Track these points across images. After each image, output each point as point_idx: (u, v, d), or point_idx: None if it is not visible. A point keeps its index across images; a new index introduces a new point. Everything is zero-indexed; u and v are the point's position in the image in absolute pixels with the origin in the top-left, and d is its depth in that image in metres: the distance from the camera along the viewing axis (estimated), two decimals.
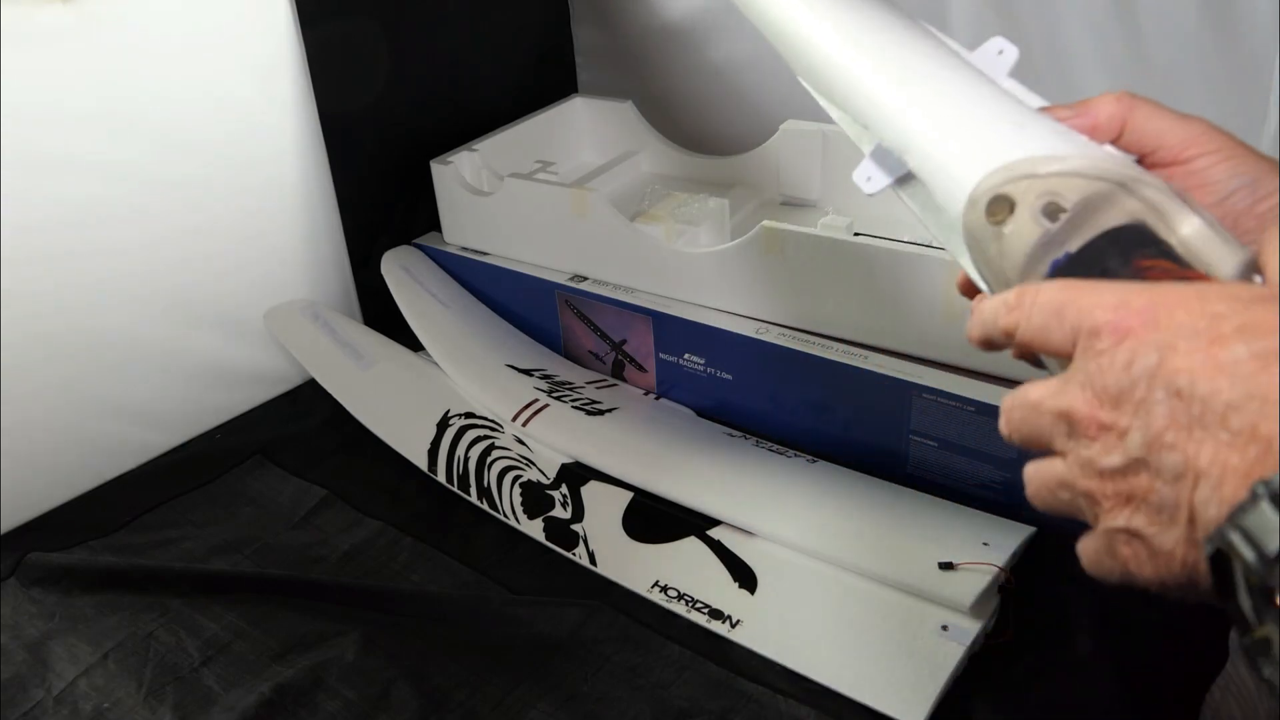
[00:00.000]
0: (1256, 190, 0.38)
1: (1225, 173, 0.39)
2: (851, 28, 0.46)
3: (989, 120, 0.39)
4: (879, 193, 0.45)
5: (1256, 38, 0.87)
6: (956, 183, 0.39)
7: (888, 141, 0.43)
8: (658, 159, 1.25)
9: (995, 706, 0.71)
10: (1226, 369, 0.28)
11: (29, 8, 0.87)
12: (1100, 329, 0.31)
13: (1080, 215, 0.35)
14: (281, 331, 1.13)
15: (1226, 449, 0.28)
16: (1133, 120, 0.41)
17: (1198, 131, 0.40)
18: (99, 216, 0.96)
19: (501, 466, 0.98)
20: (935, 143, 0.40)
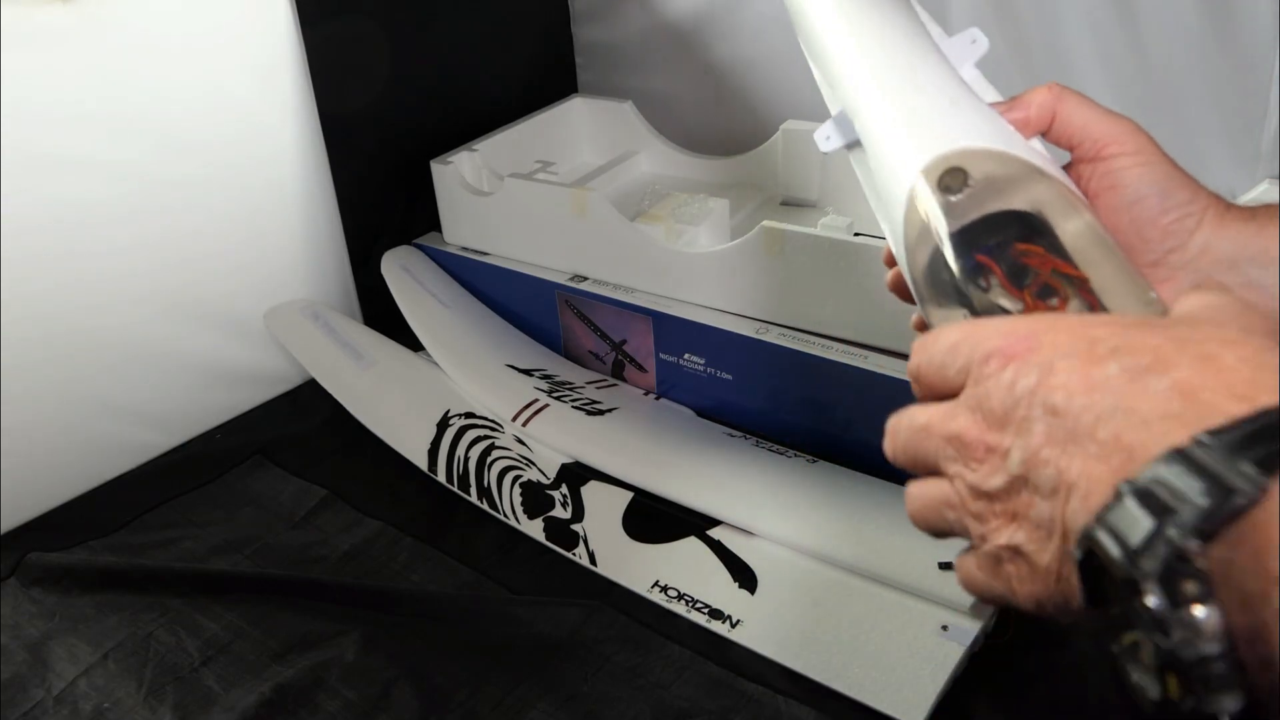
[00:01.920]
0: (1165, 201, 0.39)
1: (1138, 177, 0.39)
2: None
3: (928, 98, 0.41)
4: (833, 152, 0.47)
5: (1256, 38, 0.87)
6: (885, 152, 0.41)
7: (843, 104, 0.45)
8: (658, 159, 1.25)
9: (995, 706, 0.71)
10: (1098, 385, 0.29)
11: (29, 8, 0.87)
12: (990, 355, 0.32)
13: (981, 193, 0.37)
14: (281, 331, 1.13)
15: (1094, 460, 0.29)
16: (1061, 110, 0.42)
17: (1120, 130, 0.40)
18: (99, 216, 0.96)
19: (501, 466, 0.98)
20: (875, 111, 0.42)
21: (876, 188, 0.42)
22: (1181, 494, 0.26)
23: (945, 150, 0.38)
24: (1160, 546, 0.26)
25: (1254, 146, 0.92)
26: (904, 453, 0.37)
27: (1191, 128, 0.95)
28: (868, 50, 0.45)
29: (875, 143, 0.42)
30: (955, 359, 0.34)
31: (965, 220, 0.37)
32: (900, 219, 0.39)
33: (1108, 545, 0.28)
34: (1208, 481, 0.26)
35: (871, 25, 0.46)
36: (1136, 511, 0.27)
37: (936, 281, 0.38)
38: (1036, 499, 0.31)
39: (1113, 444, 0.28)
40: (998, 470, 0.32)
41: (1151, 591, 0.26)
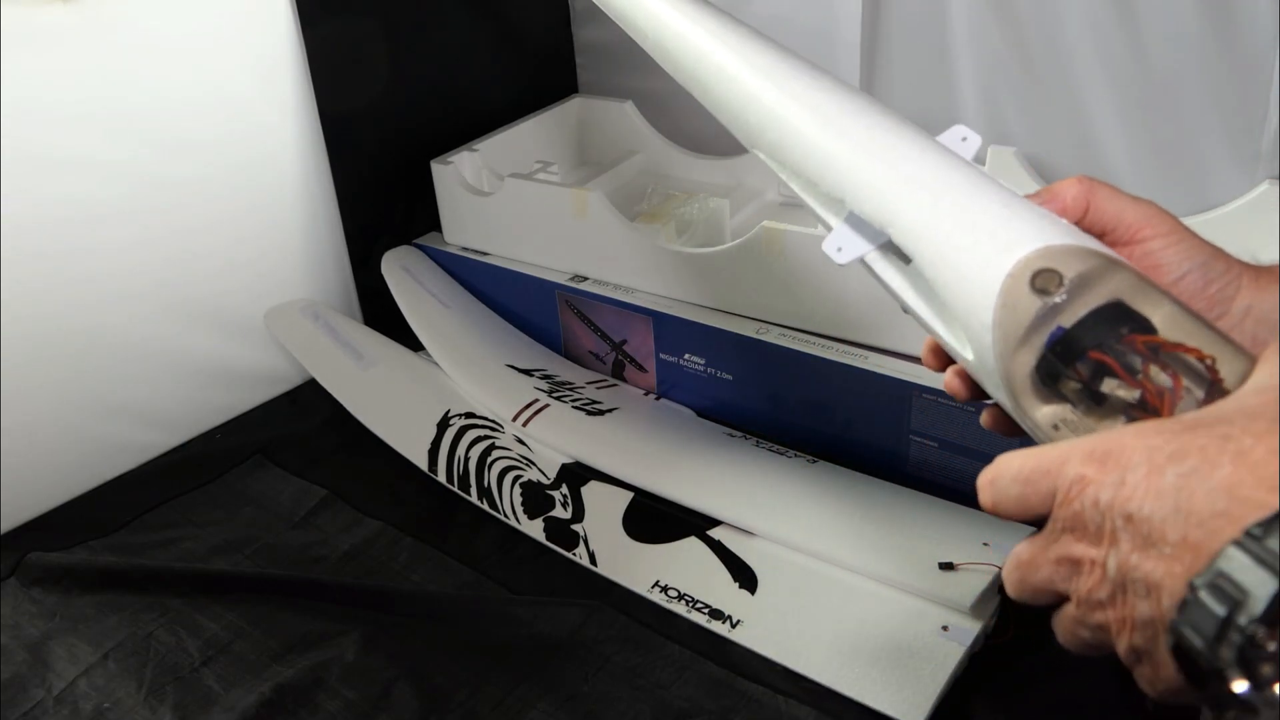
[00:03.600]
0: (1207, 273, 0.42)
1: (1177, 255, 0.42)
2: (821, 107, 0.48)
3: (984, 202, 0.42)
4: (849, 263, 0.47)
5: (1256, 38, 0.87)
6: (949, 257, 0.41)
7: (867, 214, 0.45)
8: (658, 159, 1.25)
9: (995, 706, 0.71)
10: (1160, 492, 0.32)
11: (29, 8, 0.87)
12: (1075, 479, 0.35)
13: (1077, 290, 0.38)
14: (281, 331, 1.13)
15: (1170, 560, 0.32)
16: (1094, 200, 0.43)
17: (1151, 213, 0.43)
18: (99, 216, 0.96)
19: (502, 466, 0.98)
20: (932, 221, 0.42)
21: (936, 294, 0.42)
22: (1244, 586, 0.29)
23: (1028, 252, 0.39)
24: (1234, 635, 0.29)
25: (1254, 147, 0.92)
26: (1026, 590, 0.39)
27: (1191, 128, 0.95)
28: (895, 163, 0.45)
29: (938, 253, 0.42)
30: (1036, 489, 0.37)
31: (1074, 319, 0.38)
32: (988, 323, 0.40)
33: (1192, 639, 0.31)
34: (1267, 570, 0.29)
35: (883, 136, 0.46)
36: (1210, 604, 0.30)
37: (1045, 381, 0.39)
38: (1136, 601, 0.34)
39: (1181, 544, 0.32)
40: (1103, 581, 0.35)
41: (1235, 677, 0.29)
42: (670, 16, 0.58)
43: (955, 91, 1.07)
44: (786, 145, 0.49)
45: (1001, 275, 0.39)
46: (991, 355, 0.40)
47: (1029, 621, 0.76)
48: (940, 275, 0.42)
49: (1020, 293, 0.39)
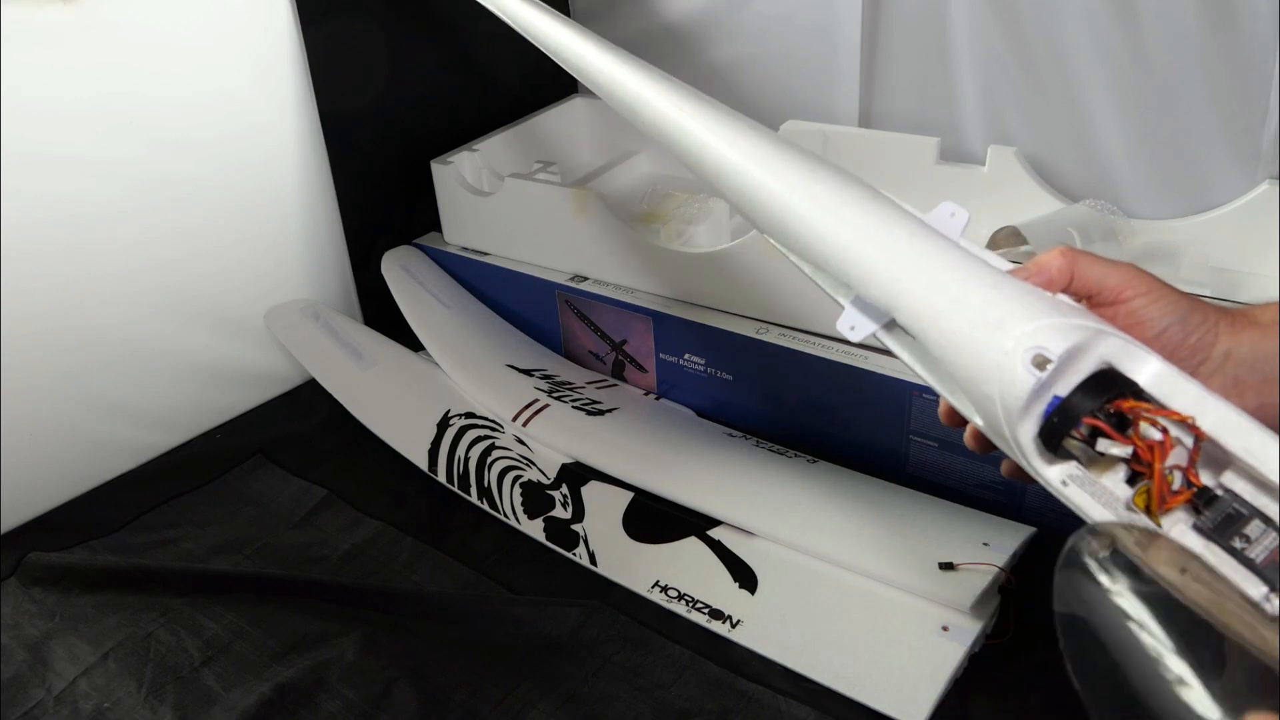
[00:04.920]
0: (1186, 325, 0.44)
1: (1158, 311, 0.44)
2: (820, 198, 0.52)
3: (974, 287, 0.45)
4: (863, 340, 0.50)
5: (1256, 38, 0.87)
6: (948, 337, 0.44)
7: (872, 299, 0.48)
8: (658, 159, 1.25)
9: (995, 706, 0.71)
10: None
11: (29, 7, 0.87)
12: None
13: (1065, 363, 0.41)
14: (281, 331, 1.13)
15: None
16: (1077, 269, 0.45)
17: (1130, 275, 0.45)
18: (99, 216, 0.96)
19: (502, 466, 0.98)
20: (923, 304, 0.46)
21: (945, 366, 0.45)
22: None
23: (1020, 331, 0.41)
24: None
25: (1254, 147, 0.92)
26: None
27: (1191, 128, 0.95)
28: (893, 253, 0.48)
29: (938, 332, 0.45)
30: None
31: (1067, 389, 0.41)
32: (991, 395, 0.42)
33: None
34: None
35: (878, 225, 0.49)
36: None
37: (1049, 445, 0.42)
38: None
39: None
40: None
41: None
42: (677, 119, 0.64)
43: (955, 91, 1.07)
44: (794, 235, 0.53)
45: (998, 354, 0.42)
46: (999, 424, 0.43)
47: (1029, 621, 0.76)
48: (943, 353, 0.44)
49: (1016, 370, 0.41)
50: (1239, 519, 0.38)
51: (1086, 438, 0.41)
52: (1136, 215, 0.99)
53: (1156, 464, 0.39)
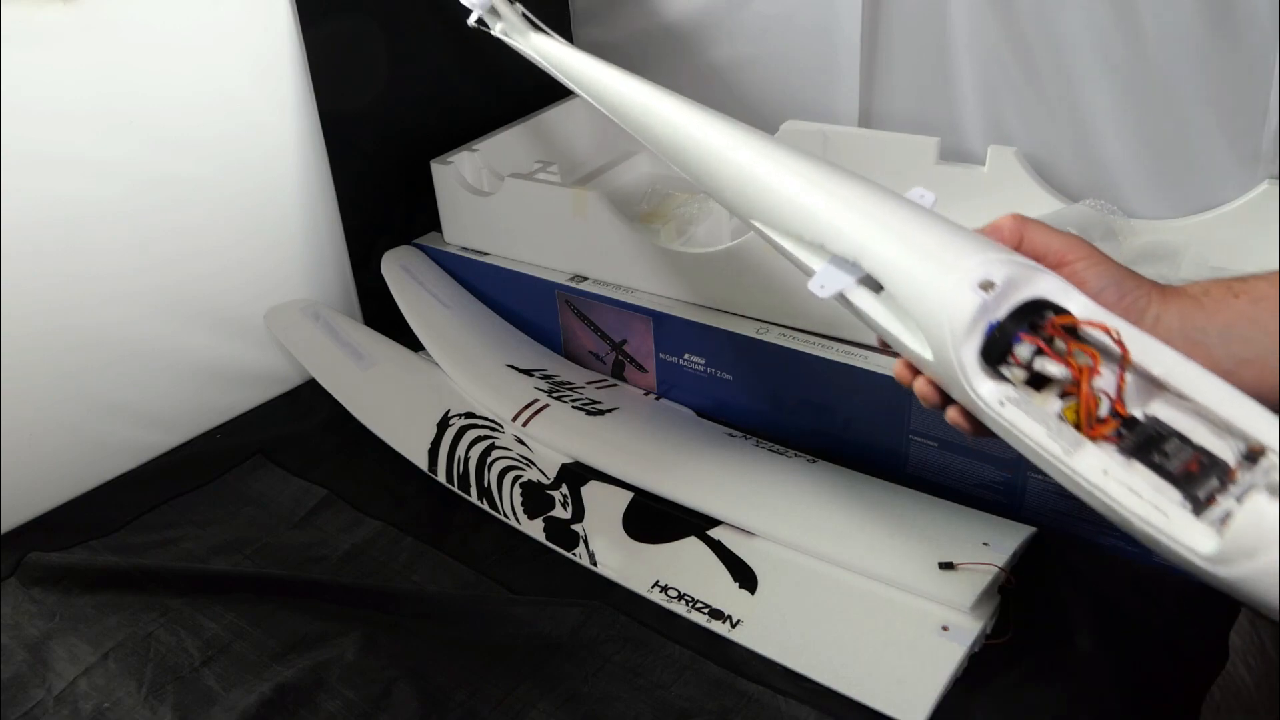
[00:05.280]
0: (1121, 289, 0.48)
1: (1097, 274, 0.49)
2: (803, 173, 0.59)
3: (940, 233, 0.51)
4: (832, 296, 0.55)
5: (1256, 37, 0.87)
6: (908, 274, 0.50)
7: (842, 251, 0.54)
8: (658, 159, 1.25)
9: (995, 706, 0.71)
10: None
11: (29, 7, 0.87)
12: None
13: (1007, 290, 0.46)
14: (281, 331, 1.13)
15: None
16: (1026, 232, 0.51)
17: (1074, 242, 0.50)
18: (99, 216, 0.96)
19: (502, 466, 0.98)
20: (888, 247, 0.52)
21: (902, 308, 0.50)
22: None
23: (971, 263, 0.47)
24: None
25: (1254, 147, 0.92)
26: None
27: (1191, 128, 0.94)
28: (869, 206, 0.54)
29: (901, 273, 0.50)
30: None
31: (1007, 311, 0.46)
32: (942, 322, 0.47)
33: None
34: None
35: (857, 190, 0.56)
36: None
37: (989, 362, 0.47)
38: None
39: None
40: None
41: None
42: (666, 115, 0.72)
43: (955, 91, 1.07)
44: (777, 207, 0.59)
45: (950, 281, 0.47)
46: (947, 349, 0.47)
47: (1029, 621, 0.76)
48: (903, 291, 0.50)
49: (964, 293, 0.46)
50: (1159, 439, 0.42)
51: (1024, 365, 0.46)
52: (1136, 215, 0.99)
53: (1084, 382, 0.43)
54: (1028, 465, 0.82)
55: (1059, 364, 0.45)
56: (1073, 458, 0.43)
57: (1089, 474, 0.42)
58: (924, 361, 0.50)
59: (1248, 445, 0.40)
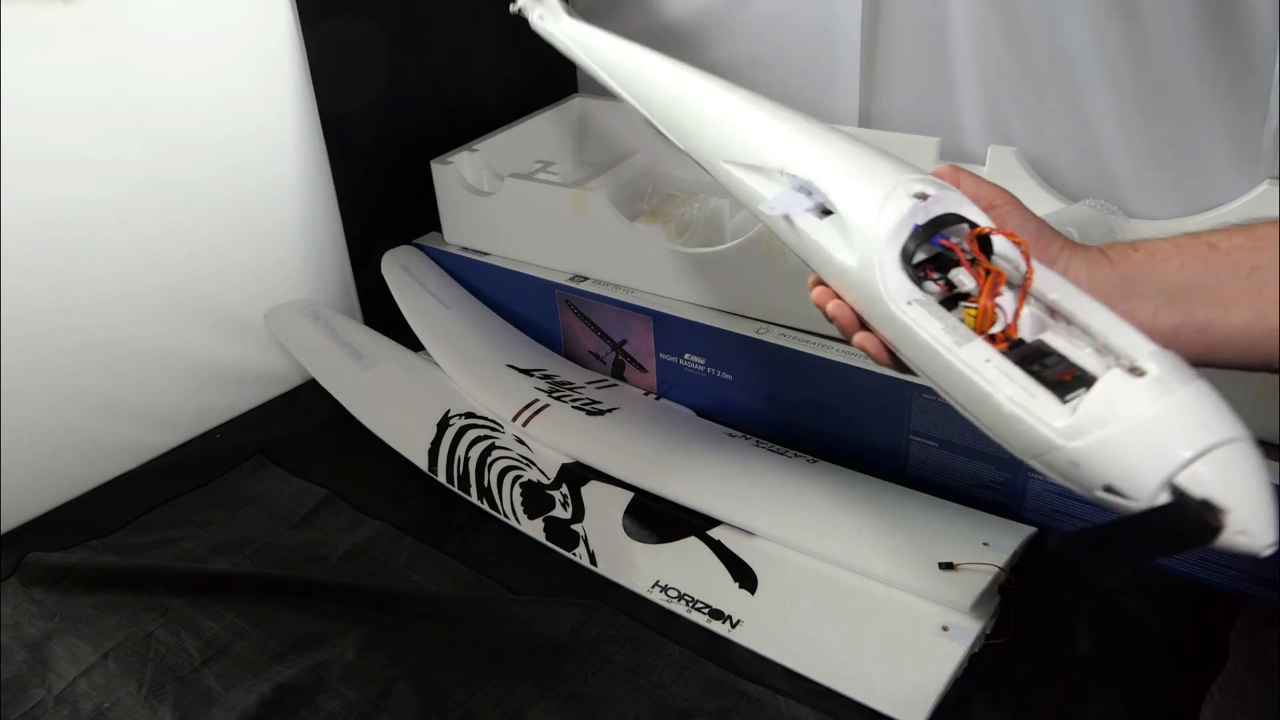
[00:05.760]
0: (1039, 237, 0.53)
1: (1018, 220, 0.54)
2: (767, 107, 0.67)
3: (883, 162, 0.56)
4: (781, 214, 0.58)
5: (1256, 38, 0.87)
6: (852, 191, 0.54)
7: (797, 170, 0.58)
8: (658, 159, 1.25)
9: (995, 706, 0.71)
10: None
11: (30, 8, 0.87)
12: None
13: (934, 204, 0.50)
14: (281, 331, 1.13)
15: None
16: (960, 182, 0.55)
17: (1001, 191, 0.55)
18: (99, 216, 0.96)
19: (502, 466, 0.98)
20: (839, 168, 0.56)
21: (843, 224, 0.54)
22: None
23: (909, 178, 0.52)
24: None
25: (1254, 147, 0.92)
26: None
27: (1191, 128, 0.94)
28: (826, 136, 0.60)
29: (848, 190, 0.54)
30: None
31: (929, 218, 0.50)
32: (875, 224, 0.51)
33: None
34: None
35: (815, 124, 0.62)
36: None
37: (905, 261, 0.50)
38: None
39: None
40: None
41: None
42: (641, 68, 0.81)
43: (955, 91, 1.07)
44: (743, 139, 0.65)
45: (886, 190, 0.51)
46: (872, 249, 0.50)
47: (1029, 621, 0.76)
48: (847, 205, 0.53)
49: (899, 200, 0.50)
50: (1042, 355, 0.45)
51: (936, 281, 0.49)
52: (1136, 215, 0.99)
53: (985, 291, 0.47)
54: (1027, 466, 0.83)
55: (968, 271, 0.48)
56: (962, 348, 0.46)
57: (972, 360, 0.45)
58: (848, 274, 0.53)
59: (1119, 365, 0.42)
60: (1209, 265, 0.48)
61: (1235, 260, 0.48)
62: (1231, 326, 0.47)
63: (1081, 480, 0.41)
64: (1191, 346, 0.47)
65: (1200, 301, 0.48)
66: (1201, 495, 0.37)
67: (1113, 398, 0.40)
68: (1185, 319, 0.48)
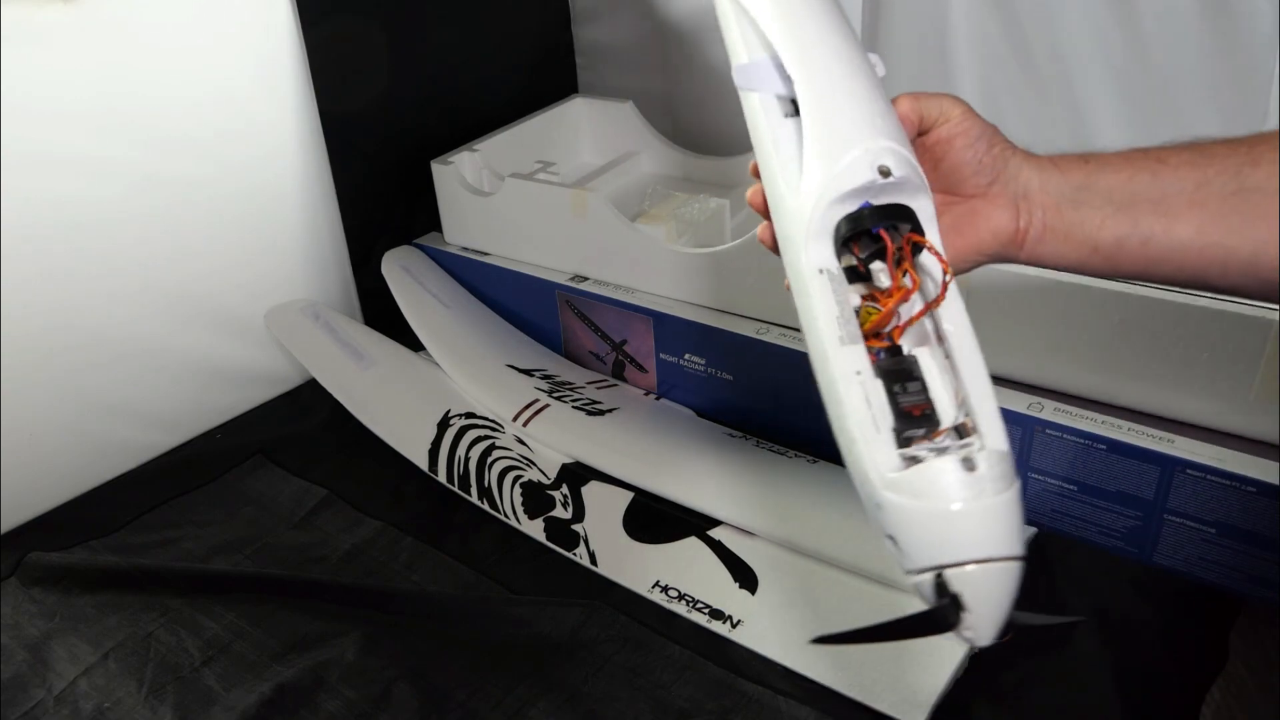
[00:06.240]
0: (991, 142, 0.54)
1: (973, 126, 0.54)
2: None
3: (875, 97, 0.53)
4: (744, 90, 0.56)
5: (1256, 38, 0.87)
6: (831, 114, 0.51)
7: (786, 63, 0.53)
8: (658, 159, 1.25)
9: (995, 707, 0.71)
10: None
11: (30, 7, 0.87)
12: None
13: (894, 188, 0.48)
14: (281, 331, 1.13)
15: None
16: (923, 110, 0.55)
17: (952, 101, 0.56)
18: (99, 216, 0.96)
19: (502, 466, 0.98)
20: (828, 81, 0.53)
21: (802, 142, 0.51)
22: None
23: (887, 144, 0.49)
24: None
25: None
26: None
27: (1191, 128, 0.94)
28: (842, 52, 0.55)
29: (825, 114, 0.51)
30: None
31: (882, 201, 0.48)
32: (831, 174, 0.48)
33: None
34: None
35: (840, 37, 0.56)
36: None
37: (837, 230, 0.48)
38: None
39: None
40: None
41: None
42: None
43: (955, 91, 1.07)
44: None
45: (858, 151, 0.48)
46: (814, 203, 0.48)
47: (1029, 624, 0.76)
48: (814, 131, 0.50)
49: (862, 167, 0.48)
50: (908, 376, 0.46)
51: (857, 257, 0.49)
52: None
53: (895, 298, 0.47)
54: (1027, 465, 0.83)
55: (888, 272, 0.48)
56: (842, 349, 0.46)
57: (845, 368, 0.46)
58: (781, 199, 0.51)
59: (965, 421, 0.44)
60: (1157, 178, 0.49)
61: (1182, 175, 0.49)
62: (1174, 239, 0.48)
63: (876, 519, 0.44)
64: (1134, 259, 0.49)
65: (1146, 213, 0.49)
66: (955, 591, 0.42)
67: (936, 480, 0.42)
68: (1130, 230, 0.49)
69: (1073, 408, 0.82)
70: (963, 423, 0.44)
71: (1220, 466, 0.75)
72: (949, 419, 0.45)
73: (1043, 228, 0.52)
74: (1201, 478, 0.75)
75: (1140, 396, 0.82)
